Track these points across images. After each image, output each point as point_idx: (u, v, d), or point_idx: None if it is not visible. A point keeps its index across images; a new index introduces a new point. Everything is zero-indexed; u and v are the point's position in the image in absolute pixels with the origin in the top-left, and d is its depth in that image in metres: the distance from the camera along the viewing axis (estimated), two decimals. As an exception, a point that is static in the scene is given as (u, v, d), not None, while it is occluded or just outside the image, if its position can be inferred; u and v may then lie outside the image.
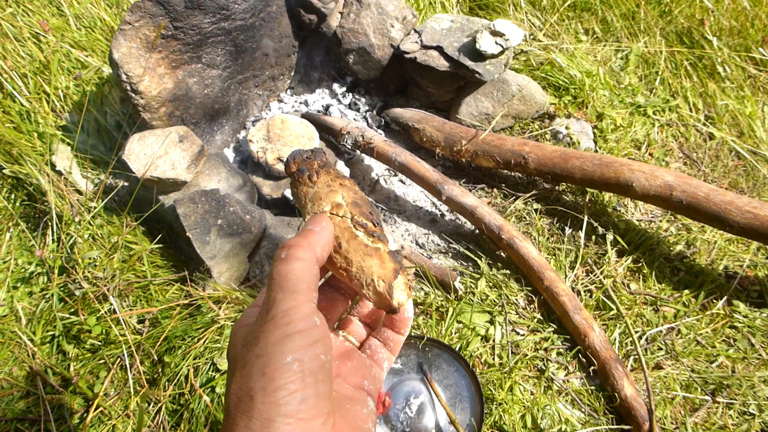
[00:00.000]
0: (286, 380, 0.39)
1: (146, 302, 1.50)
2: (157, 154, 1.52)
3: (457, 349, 1.34)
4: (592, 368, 1.40)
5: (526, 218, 1.73)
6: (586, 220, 1.66)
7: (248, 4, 1.66)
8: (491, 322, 1.48)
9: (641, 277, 1.60)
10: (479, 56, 1.79)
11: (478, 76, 1.78)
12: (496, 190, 1.83)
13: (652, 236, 1.66)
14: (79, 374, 1.38)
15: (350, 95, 2.06)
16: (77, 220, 1.58)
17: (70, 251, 1.55)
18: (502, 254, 1.64)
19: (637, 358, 1.43)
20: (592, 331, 1.40)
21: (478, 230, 1.68)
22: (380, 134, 1.93)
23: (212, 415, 1.28)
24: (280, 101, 2.07)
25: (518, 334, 1.48)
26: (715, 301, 1.54)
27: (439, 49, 1.83)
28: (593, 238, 1.66)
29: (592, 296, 1.55)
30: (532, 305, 1.54)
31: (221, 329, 1.41)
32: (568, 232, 1.68)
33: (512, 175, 1.85)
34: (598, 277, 1.58)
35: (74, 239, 1.55)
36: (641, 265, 1.61)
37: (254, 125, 1.86)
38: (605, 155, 1.67)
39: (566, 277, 1.58)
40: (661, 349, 1.46)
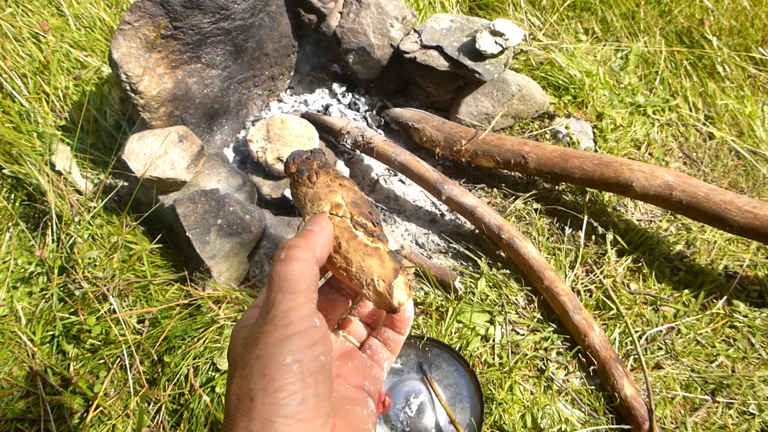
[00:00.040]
0: (286, 381, 0.39)
1: (146, 302, 1.50)
2: (156, 153, 1.52)
3: (457, 348, 1.34)
4: (592, 368, 1.40)
5: (525, 218, 1.73)
6: (585, 219, 1.66)
7: (248, 3, 1.66)
8: (491, 321, 1.48)
9: (641, 276, 1.60)
10: (479, 56, 1.79)
11: (477, 75, 1.78)
12: (495, 189, 1.83)
13: (652, 236, 1.66)
14: (78, 374, 1.38)
15: (350, 95, 2.06)
16: (77, 220, 1.58)
17: (69, 251, 1.54)
18: (501, 254, 1.64)
19: (637, 357, 1.43)
20: (591, 330, 1.40)
21: (477, 230, 1.68)
22: (380, 134, 1.93)
23: (212, 414, 1.28)
24: (279, 101, 2.07)
25: (518, 333, 1.48)
26: (715, 300, 1.54)
27: (438, 48, 1.83)
28: (593, 237, 1.66)
29: (592, 296, 1.55)
30: (532, 305, 1.54)
31: (221, 329, 1.41)
32: (567, 231, 1.68)
33: (512, 174, 1.85)
34: (598, 276, 1.58)
35: (74, 239, 1.55)
36: (641, 264, 1.61)
37: (254, 125, 1.86)
38: (605, 155, 1.66)
39: (566, 276, 1.58)
40: (661, 348, 1.46)
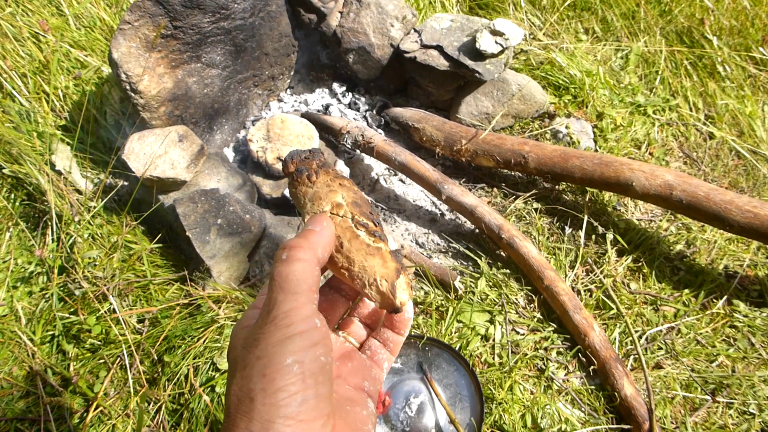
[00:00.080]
0: (286, 382, 0.39)
1: (146, 302, 1.50)
2: (156, 153, 1.52)
3: (457, 348, 1.34)
4: (592, 368, 1.39)
5: (526, 217, 1.73)
6: (586, 219, 1.66)
7: (248, 3, 1.66)
8: (491, 321, 1.48)
9: (641, 276, 1.60)
10: (479, 56, 1.79)
11: (477, 75, 1.78)
12: (496, 189, 1.83)
13: (652, 236, 1.66)
14: (78, 374, 1.37)
15: (350, 95, 2.06)
16: (77, 219, 1.58)
17: (69, 251, 1.54)
18: (502, 253, 1.64)
19: (637, 357, 1.43)
20: (592, 330, 1.40)
21: (478, 229, 1.68)
22: (380, 134, 1.93)
23: (212, 414, 1.28)
24: (279, 101, 2.07)
25: (518, 333, 1.48)
26: (715, 300, 1.54)
27: (438, 48, 1.83)
28: (593, 237, 1.66)
29: (592, 296, 1.55)
30: (532, 305, 1.54)
31: (221, 329, 1.41)
32: (568, 231, 1.68)
33: (512, 174, 1.85)
34: (598, 276, 1.58)
35: (74, 239, 1.55)
36: (641, 264, 1.61)
37: (254, 125, 1.86)
38: (605, 155, 1.66)
39: (566, 276, 1.58)
40: (661, 348, 1.46)
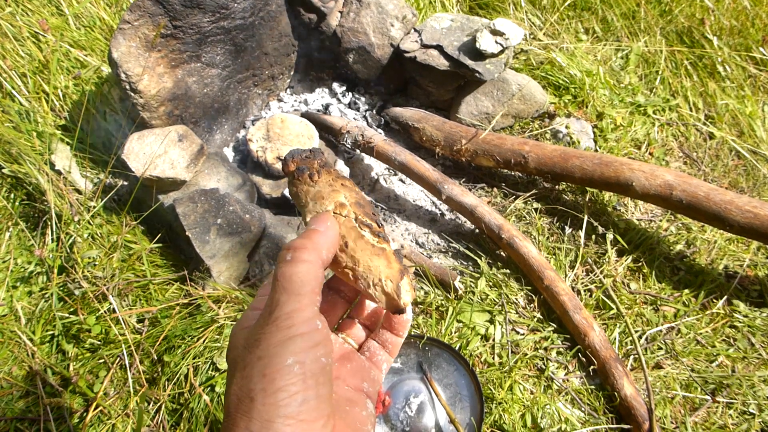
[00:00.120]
0: (287, 382, 0.39)
1: (146, 301, 1.49)
2: (156, 153, 1.52)
3: (456, 348, 1.34)
4: (591, 367, 1.39)
5: (526, 217, 1.73)
6: (586, 219, 1.66)
7: (248, 3, 1.66)
8: (491, 321, 1.48)
9: (641, 276, 1.60)
10: (479, 55, 1.79)
11: (478, 75, 1.78)
12: (496, 189, 1.83)
13: (652, 236, 1.66)
14: (78, 374, 1.37)
15: (350, 94, 2.06)
16: (76, 219, 1.58)
17: (69, 251, 1.54)
18: (502, 253, 1.64)
19: (636, 357, 1.43)
20: (591, 330, 1.40)
21: (478, 229, 1.68)
22: (380, 133, 1.93)
23: (212, 414, 1.28)
24: (279, 100, 2.07)
25: (518, 333, 1.48)
26: (715, 300, 1.54)
27: (439, 48, 1.83)
28: (593, 237, 1.66)
29: (592, 295, 1.55)
30: (532, 304, 1.54)
31: (221, 328, 1.41)
32: (568, 231, 1.68)
33: (512, 174, 1.85)
34: (598, 276, 1.58)
35: (73, 238, 1.54)
36: (641, 264, 1.61)
37: (254, 124, 1.86)
38: (605, 154, 1.66)
39: (566, 276, 1.58)
40: (661, 348, 1.46)
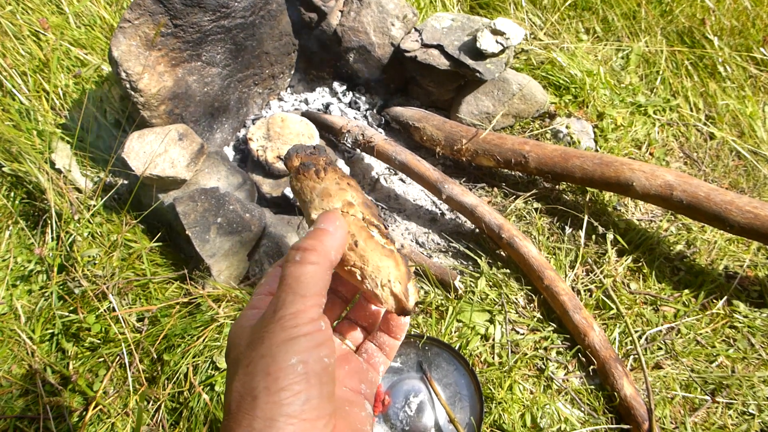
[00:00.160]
0: (290, 381, 0.39)
1: (145, 300, 1.49)
2: (156, 152, 1.52)
3: (456, 347, 1.34)
4: (591, 367, 1.39)
5: (526, 217, 1.73)
6: (586, 219, 1.66)
7: (248, 2, 1.66)
8: (491, 321, 1.48)
9: (641, 276, 1.60)
10: (480, 55, 1.79)
11: (478, 74, 1.78)
12: (496, 189, 1.83)
13: (652, 236, 1.65)
14: (78, 372, 1.37)
15: (350, 94, 2.06)
16: (76, 218, 1.58)
17: (69, 249, 1.54)
18: (502, 253, 1.64)
19: (636, 357, 1.43)
20: (591, 330, 1.40)
21: (478, 229, 1.68)
22: (380, 133, 1.92)
23: (211, 413, 1.28)
24: (280, 99, 2.06)
25: (518, 333, 1.48)
26: (715, 301, 1.54)
27: (439, 47, 1.83)
28: (593, 237, 1.66)
29: (592, 295, 1.55)
30: (531, 304, 1.54)
31: (221, 327, 1.40)
32: (568, 231, 1.68)
33: (512, 174, 1.85)
34: (598, 276, 1.58)
35: (73, 237, 1.54)
36: (641, 264, 1.61)
37: (254, 123, 1.86)
38: (606, 154, 1.66)
39: (566, 276, 1.58)
40: (660, 348, 1.46)
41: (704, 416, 1.36)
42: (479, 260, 1.60)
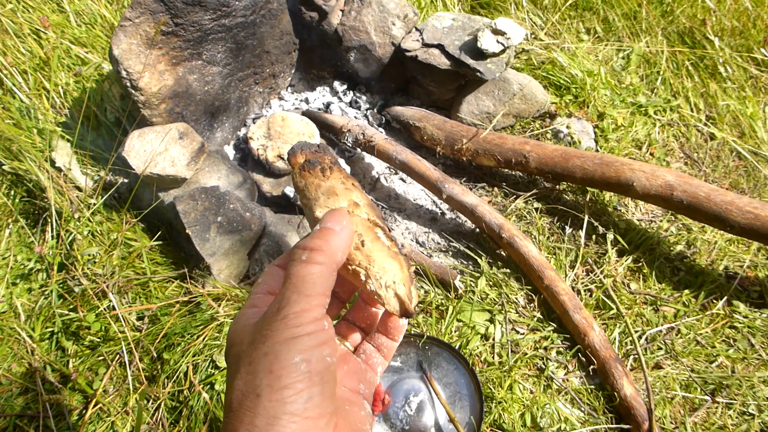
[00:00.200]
0: (293, 379, 0.39)
1: (145, 299, 1.49)
2: (156, 150, 1.52)
3: (456, 347, 1.34)
4: (591, 367, 1.39)
5: (526, 217, 1.73)
6: (586, 219, 1.66)
7: (249, 0, 1.66)
8: (491, 320, 1.48)
9: (641, 276, 1.60)
10: (480, 55, 1.79)
11: (479, 74, 1.78)
12: (496, 188, 1.83)
13: (652, 236, 1.65)
14: (78, 371, 1.37)
15: (351, 93, 2.06)
16: (77, 216, 1.58)
17: (69, 248, 1.54)
18: (502, 253, 1.64)
19: (636, 357, 1.43)
20: (591, 330, 1.40)
21: (478, 229, 1.68)
22: (381, 132, 1.92)
23: (211, 412, 1.28)
24: (280, 99, 2.06)
25: (518, 332, 1.48)
26: (715, 301, 1.54)
27: (440, 47, 1.83)
28: (593, 237, 1.66)
29: (592, 295, 1.55)
30: (532, 304, 1.54)
31: (221, 326, 1.40)
32: (568, 231, 1.68)
33: (513, 174, 1.85)
34: (598, 276, 1.58)
35: (73, 236, 1.54)
36: (641, 264, 1.61)
37: (255, 122, 1.86)
38: (606, 155, 1.66)
39: (566, 276, 1.58)
40: (660, 348, 1.46)
41: (704, 416, 1.36)
42: (479, 260, 1.60)
